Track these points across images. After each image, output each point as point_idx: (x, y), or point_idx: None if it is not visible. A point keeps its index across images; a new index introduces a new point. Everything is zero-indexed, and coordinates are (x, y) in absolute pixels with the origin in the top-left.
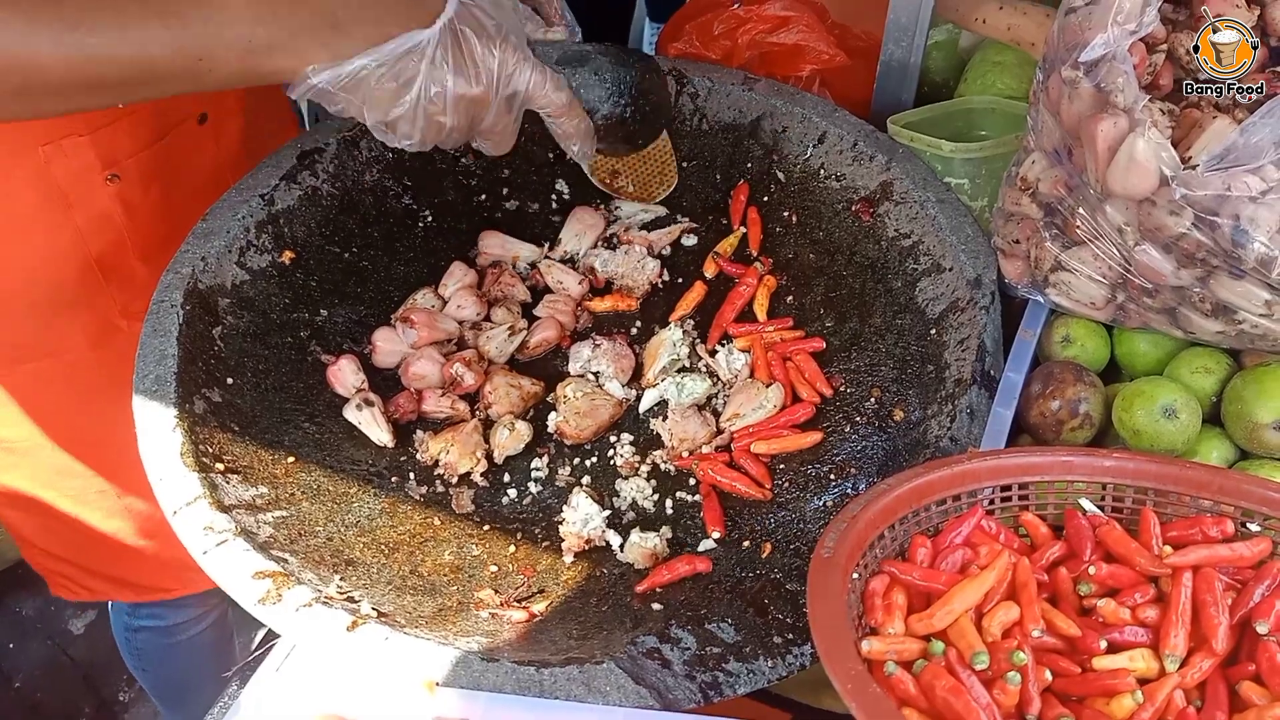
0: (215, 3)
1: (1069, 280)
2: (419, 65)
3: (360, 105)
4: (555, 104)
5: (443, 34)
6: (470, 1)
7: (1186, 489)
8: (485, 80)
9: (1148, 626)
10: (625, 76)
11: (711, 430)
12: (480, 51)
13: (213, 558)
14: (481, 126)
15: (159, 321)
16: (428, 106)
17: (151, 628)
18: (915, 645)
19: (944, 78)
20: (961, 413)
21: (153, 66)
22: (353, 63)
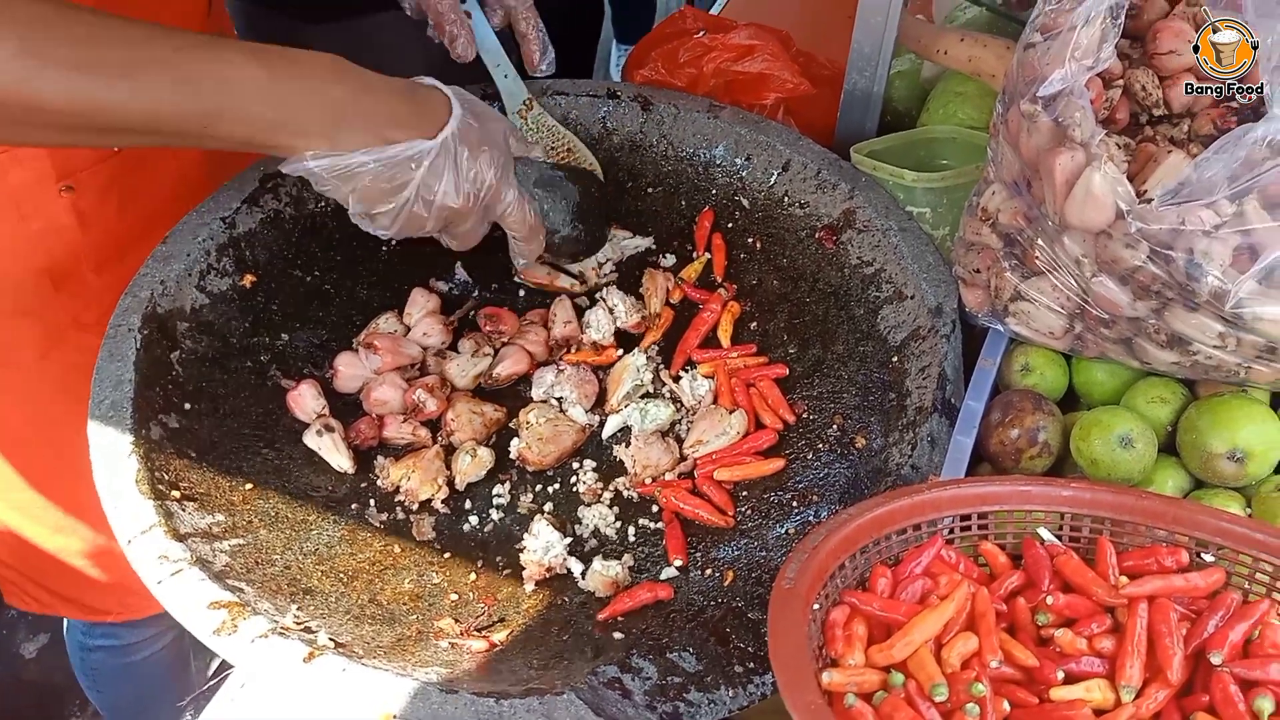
0: (232, 75)
1: (1028, 310)
2: (415, 173)
3: (348, 193)
4: (523, 229)
5: (443, 148)
6: (469, 117)
7: (1142, 519)
8: (471, 198)
9: (1104, 657)
10: (586, 203)
11: (675, 457)
12: (471, 170)
13: (167, 588)
14: (455, 230)
15: (116, 346)
16: (413, 208)
17: (106, 647)
18: (875, 677)
19: (906, 107)
20: (923, 440)
21: (157, 122)
22: (353, 157)
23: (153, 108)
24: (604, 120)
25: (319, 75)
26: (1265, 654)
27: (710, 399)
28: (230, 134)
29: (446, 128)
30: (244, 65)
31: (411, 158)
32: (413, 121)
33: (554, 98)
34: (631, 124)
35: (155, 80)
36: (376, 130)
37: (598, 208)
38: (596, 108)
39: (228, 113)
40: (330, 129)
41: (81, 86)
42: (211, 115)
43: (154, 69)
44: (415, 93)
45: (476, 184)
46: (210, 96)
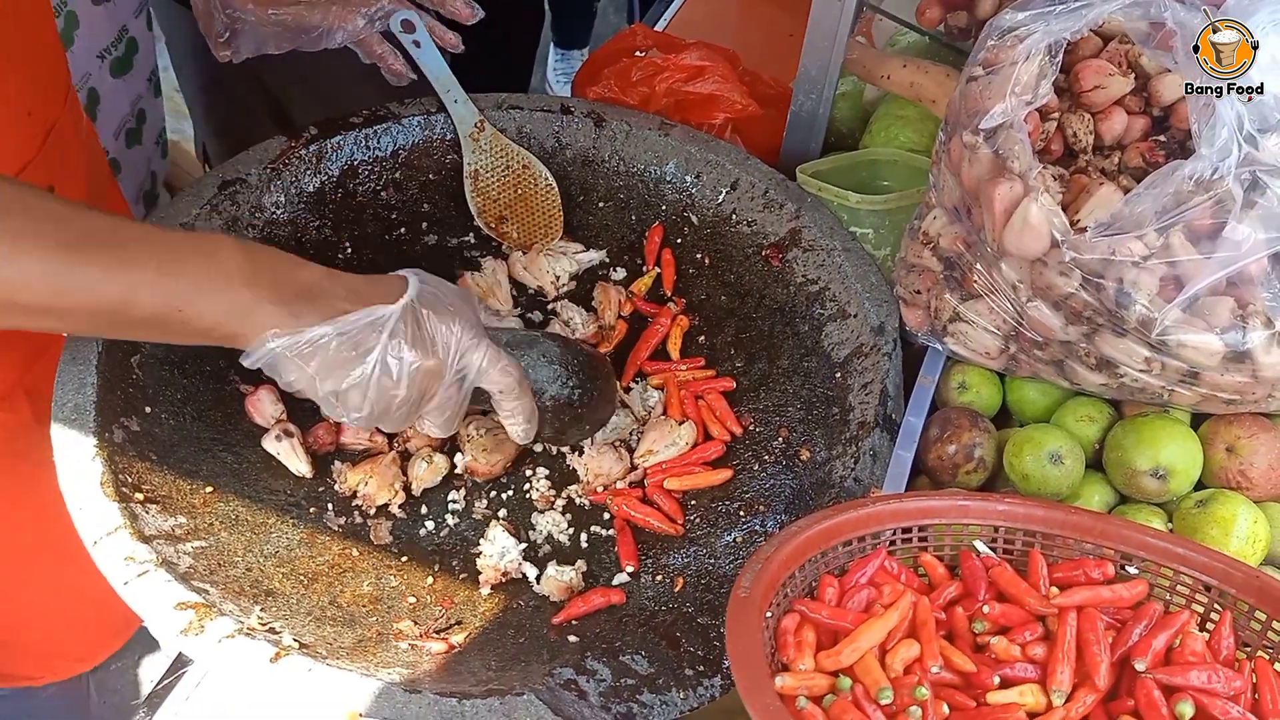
0: (213, 258)
1: (966, 331)
2: (378, 337)
3: (313, 375)
4: (504, 384)
5: (404, 311)
6: (428, 288)
7: (1071, 533)
8: (441, 354)
9: (1036, 663)
10: (573, 360)
11: (626, 466)
12: (438, 327)
13: (134, 588)
14: (431, 404)
15: (78, 349)
16: (382, 378)
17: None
18: (824, 681)
19: (849, 128)
20: (865, 454)
21: (131, 307)
22: (314, 330)
23: (130, 294)
24: (557, 135)
25: (290, 262)
26: (1186, 661)
27: (660, 410)
28: (202, 319)
29: (406, 294)
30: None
31: (373, 322)
32: (373, 294)
33: (508, 111)
34: (584, 139)
35: (141, 266)
36: (337, 305)
37: (588, 361)
38: (550, 123)
39: (207, 297)
40: (298, 307)
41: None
42: (190, 301)
43: (140, 252)
44: (373, 277)
45: (445, 339)
46: (194, 280)
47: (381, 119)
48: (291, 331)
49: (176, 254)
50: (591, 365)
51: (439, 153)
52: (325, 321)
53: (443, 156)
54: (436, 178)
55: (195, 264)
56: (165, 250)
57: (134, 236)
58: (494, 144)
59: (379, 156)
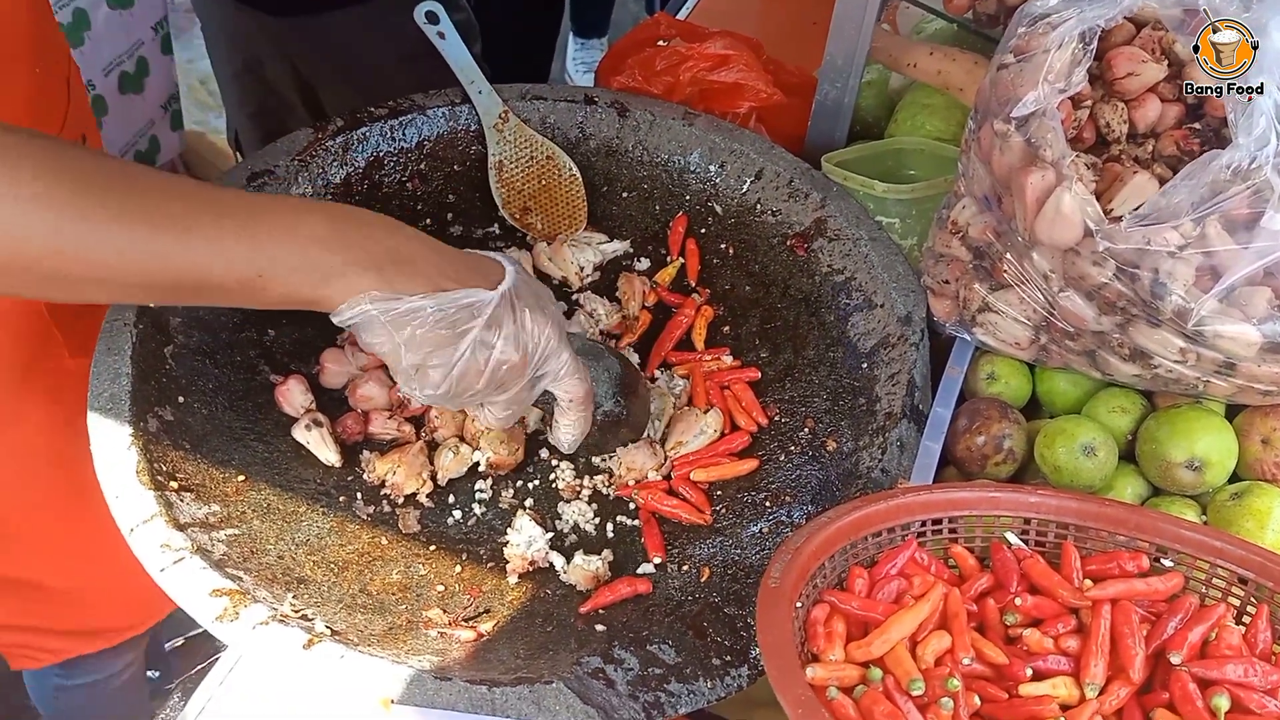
0: (292, 223)
1: (995, 321)
2: (474, 321)
3: (399, 345)
4: (576, 393)
5: (503, 299)
6: (524, 275)
7: (1105, 525)
8: (528, 351)
9: (1069, 656)
10: (630, 380)
11: (659, 460)
12: (530, 323)
13: (170, 575)
14: (502, 395)
15: (113, 340)
16: (470, 363)
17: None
18: (855, 672)
19: (874, 117)
20: (892, 445)
21: (211, 274)
22: (412, 300)
23: (205, 261)
24: (581, 125)
25: (381, 225)
26: (1222, 655)
27: (685, 399)
28: (286, 283)
29: (505, 281)
30: (307, 209)
31: (473, 305)
32: (469, 276)
33: (532, 102)
34: (608, 129)
35: (218, 228)
36: (434, 279)
37: (636, 384)
38: (574, 113)
39: (288, 258)
40: (390, 272)
41: (131, 242)
42: (269, 267)
43: (217, 217)
44: (470, 253)
45: (535, 338)
46: (271, 246)
47: (406, 110)
48: (389, 296)
49: (254, 218)
50: (642, 388)
51: (464, 144)
52: (425, 295)
53: (467, 147)
54: (461, 169)
55: (271, 229)
56: (242, 215)
57: (209, 200)
58: (518, 134)
59: (404, 148)
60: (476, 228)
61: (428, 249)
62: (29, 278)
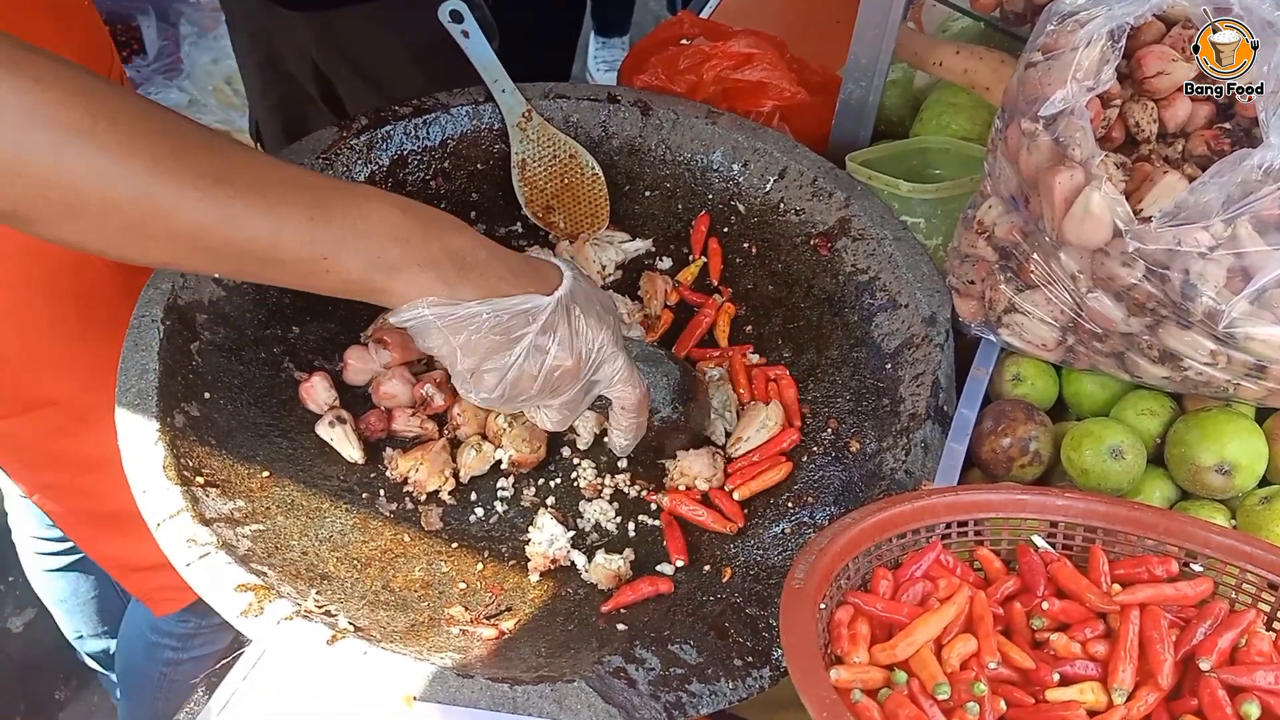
0: (362, 208)
1: (1021, 322)
2: (530, 326)
3: (455, 349)
4: (630, 399)
5: (559, 305)
6: (581, 279)
7: (1134, 529)
8: (582, 357)
9: (1097, 661)
10: (688, 387)
11: (716, 469)
12: (585, 330)
13: (196, 570)
14: (557, 400)
15: (140, 336)
16: (523, 366)
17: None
18: (879, 674)
19: (899, 116)
20: (916, 446)
21: (277, 249)
22: (469, 306)
23: (278, 233)
24: (604, 124)
25: (444, 224)
26: (1251, 661)
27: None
28: (349, 270)
29: (561, 287)
30: (375, 200)
31: (528, 311)
32: (527, 280)
33: (555, 101)
34: (631, 128)
35: (289, 206)
36: (492, 283)
37: (694, 392)
38: (596, 111)
39: (354, 245)
40: (450, 275)
41: (214, 203)
42: (337, 246)
43: (287, 190)
44: (528, 257)
45: (590, 344)
46: (339, 229)
47: (430, 109)
48: (447, 302)
49: (325, 199)
50: (700, 395)
51: (487, 142)
52: (481, 300)
53: (490, 146)
54: (484, 167)
55: (343, 213)
56: (314, 194)
57: (283, 176)
58: (541, 133)
59: (428, 146)
60: (499, 226)
61: (489, 253)
62: (107, 226)
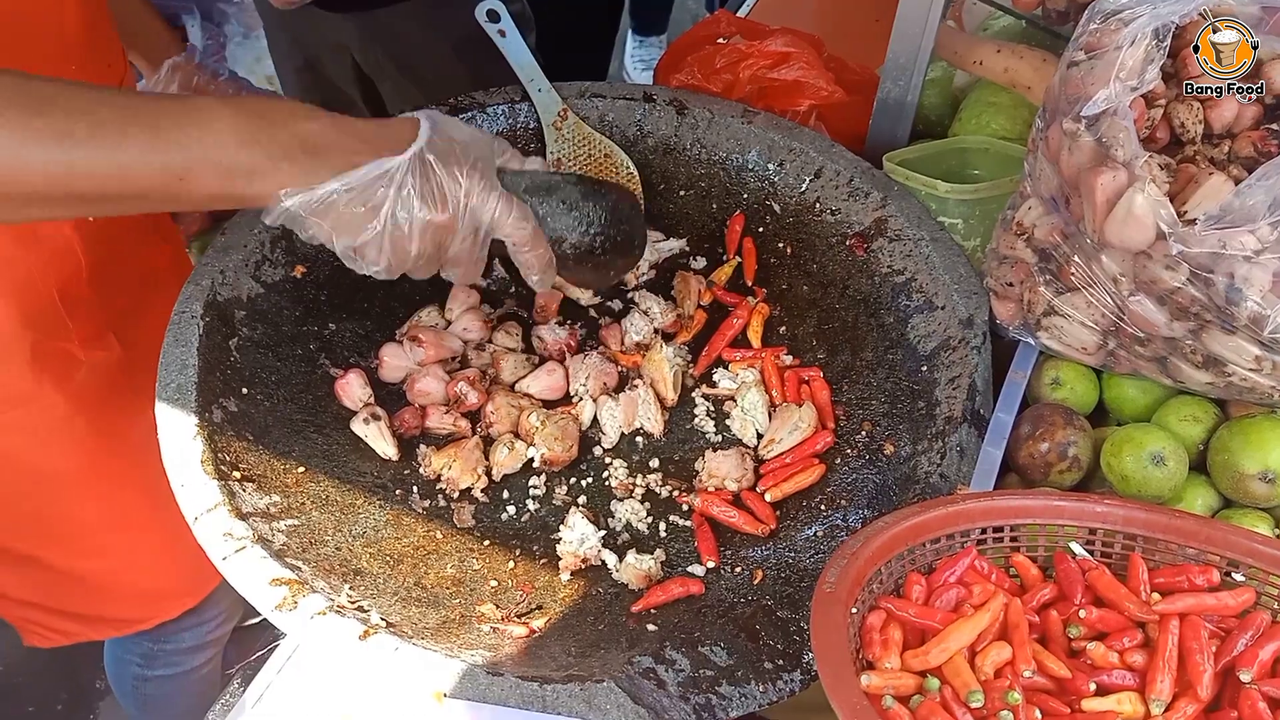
0: (202, 124)
1: (1061, 325)
2: (387, 191)
3: (330, 231)
4: (519, 235)
5: (411, 162)
6: (442, 132)
7: (1174, 538)
8: (451, 208)
9: (1135, 671)
10: (595, 206)
11: (746, 470)
12: (446, 180)
13: (232, 564)
14: (448, 254)
15: (180, 331)
16: (394, 232)
17: (165, 676)
18: (911, 681)
19: (938, 115)
20: (952, 450)
21: (134, 183)
22: (324, 187)
23: (128, 169)
24: (639, 123)
25: (289, 114)
26: None
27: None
28: (206, 187)
29: (415, 143)
30: (213, 110)
31: (380, 176)
32: (379, 144)
33: (590, 100)
34: (666, 127)
35: (130, 140)
36: (345, 158)
37: (613, 206)
38: (632, 110)
39: (202, 160)
40: (303, 162)
41: (60, 153)
42: (186, 166)
43: (128, 130)
44: (384, 122)
45: (455, 192)
46: (184, 150)
47: (466, 107)
48: (304, 189)
49: (165, 124)
50: (616, 208)
51: (523, 141)
52: (335, 177)
53: (527, 145)
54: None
55: (185, 133)
56: (154, 122)
57: (121, 112)
58: (576, 132)
59: None
60: None
61: (337, 129)
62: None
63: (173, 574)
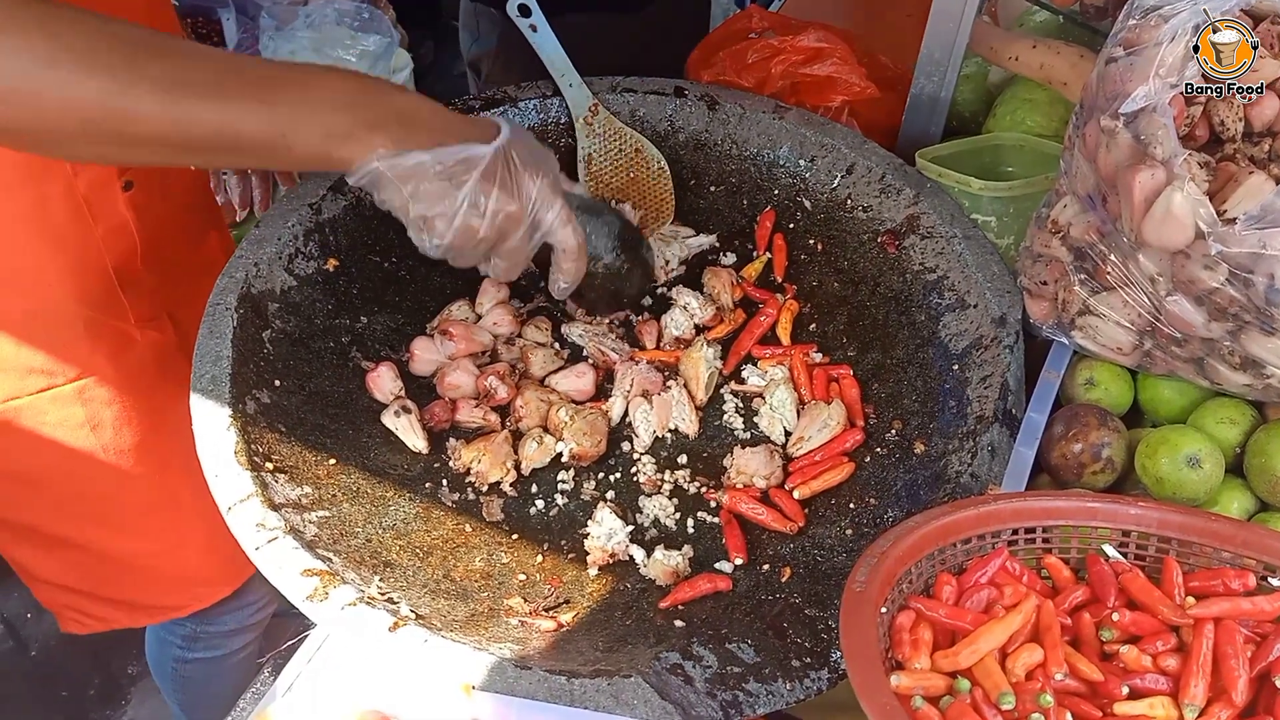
0: (307, 86)
1: (1096, 324)
2: (471, 173)
3: (407, 197)
4: (569, 244)
5: (498, 153)
6: (519, 138)
7: (1210, 541)
8: (523, 200)
9: (1168, 675)
10: (629, 235)
11: (774, 467)
12: (523, 177)
13: (264, 554)
14: (505, 245)
15: (215, 323)
16: (468, 211)
17: (205, 659)
18: (941, 682)
19: (972, 111)
20: (983, 450)
21: (239, 137)
22: (414, 155)
23: (235, 122)
24: (670, 118)
25: (389, 87)
26: None
27: (790, 392)
28: (306, 147)
29: (500, 137)
30: (322, 75)
31: (468, 159)
32: (469, 131)
33: (621, 94)
34: (697, 122)
35: (239, 95)
36: (437, 136)
37: (638, 241)
38: (663, 105)
39: (305, 124)
40: (398, 131)
41: (171, 101)
42: (292, 124)
43: (238, 85)
44: (469, 117)
45: (529, 189)
46: (288, 108)
47: (499, 102)
48: (395, 154)
49: (274, 83)
50: (646, 247)
51: (554, 136)
52: (425, 149)
53: (558, 140)
54: None
55: (292, 93)
56: (264, 81)
57: (233, 68)
58: (607, 127)
59: None
60: None
61: (430, 108)
62: (83, 138)
63: (212, 561)
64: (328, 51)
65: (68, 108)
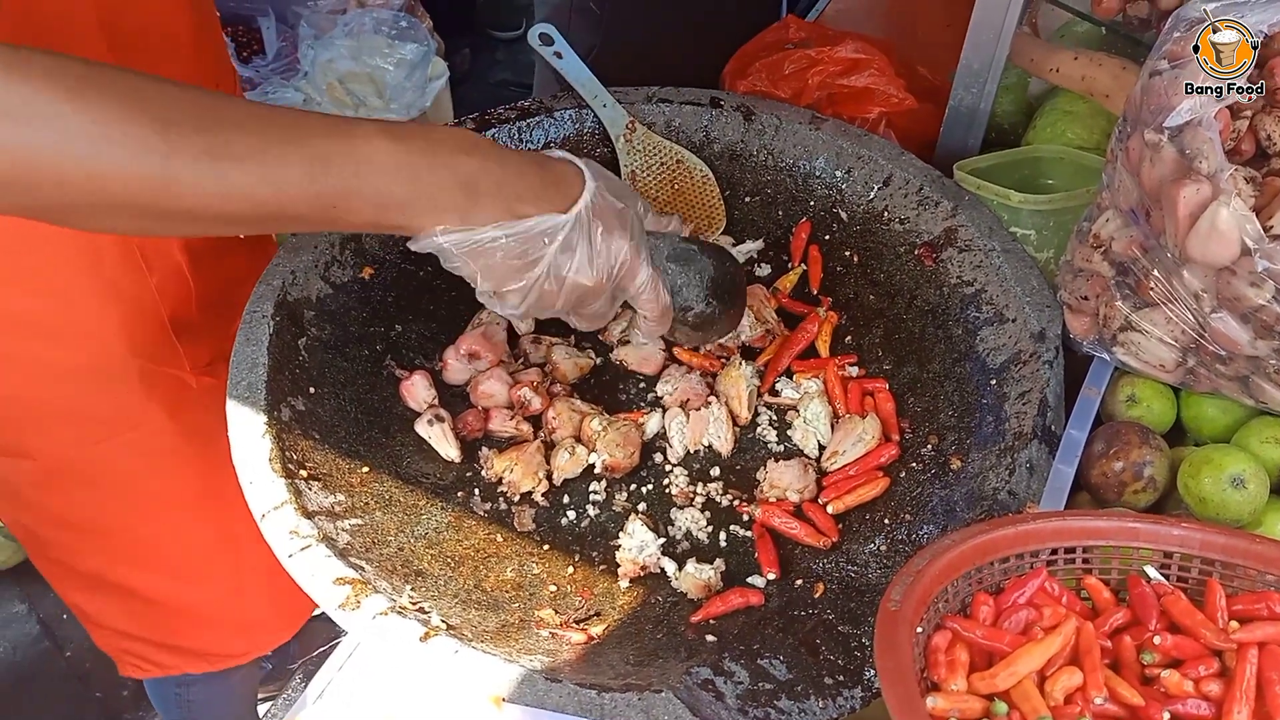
0: (361, 154)
1: (1138, 341)
2: (547, 249)
3: (476, 271)
4: (653, 311)
5: (577, 222)
6: (603, 189)
7: (1254, 563)
8: (603, 275)
9: (1210, 700)
10: (723, 281)
11: (808, 481)
12: (605, 247)
13: (297, 561)
14: (584, 310)
15: (251, 330)
16: (544, 286)
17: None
18: (978, 704)
19: (1011, 123)
20: (1021, 467)
21: (286, 208)
22: (484, 232)
23: (282, 193)
24: (706, 129)
25: (450, 148)
26: None
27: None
28: (360, 216)
29: (580, 201)
30: (373, 141)
31: (544, 232)
32: (546, 195)
33: (657, 105)
34: (733, 133)
35: (286, 165)
36: (508, 205)
37: (733, 282)
38: (699, 116)
39: (358, 192)
40: (462, 203)
41: (214, 173)
42: (342, 195)
43: (286, 154)
44: (547, 166)
45: (610, 260)
46: (340, 178)
47: (534, 112)
48: (461, 229)
49: (324, 151)
50: (734, 285)
51: (590, 145)
52: (497, 224)
53: (593, 149)
54: None
55: (342, 161)
56: (311, 147)
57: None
58: (646, 142)
59: (531, 150)
60: None
61: (501, 170)
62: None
63: (272, 607)
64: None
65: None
